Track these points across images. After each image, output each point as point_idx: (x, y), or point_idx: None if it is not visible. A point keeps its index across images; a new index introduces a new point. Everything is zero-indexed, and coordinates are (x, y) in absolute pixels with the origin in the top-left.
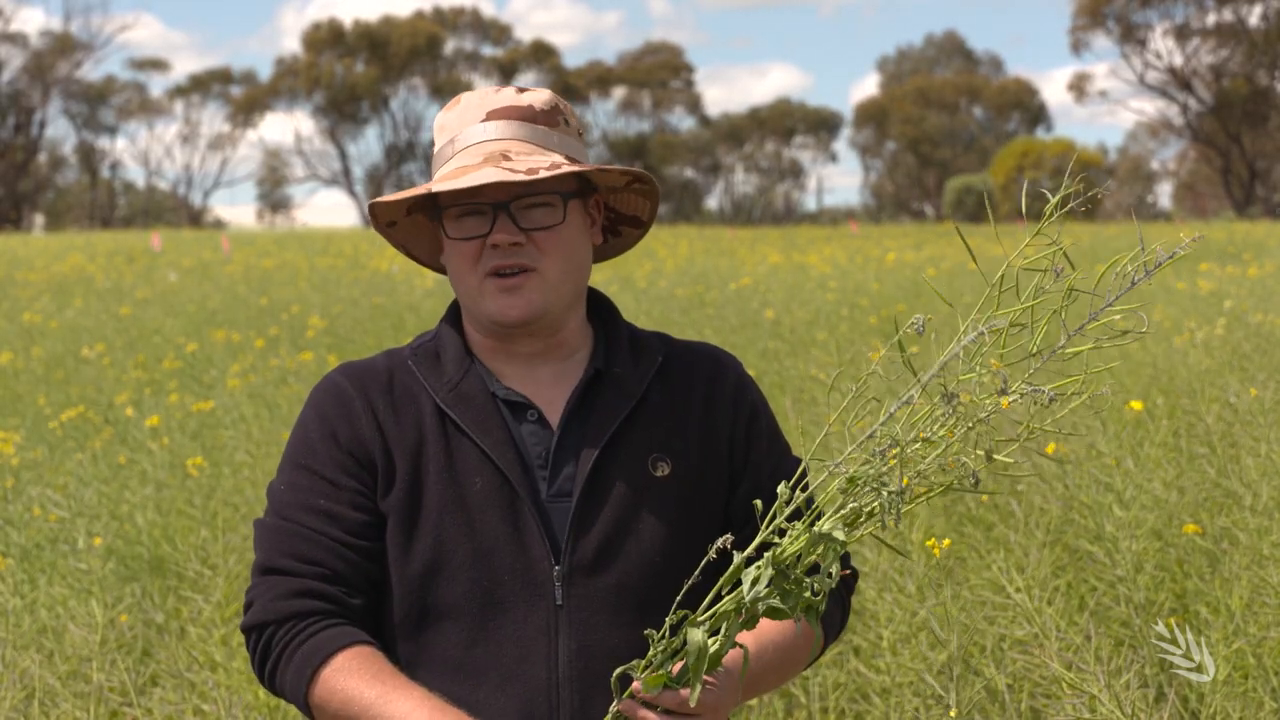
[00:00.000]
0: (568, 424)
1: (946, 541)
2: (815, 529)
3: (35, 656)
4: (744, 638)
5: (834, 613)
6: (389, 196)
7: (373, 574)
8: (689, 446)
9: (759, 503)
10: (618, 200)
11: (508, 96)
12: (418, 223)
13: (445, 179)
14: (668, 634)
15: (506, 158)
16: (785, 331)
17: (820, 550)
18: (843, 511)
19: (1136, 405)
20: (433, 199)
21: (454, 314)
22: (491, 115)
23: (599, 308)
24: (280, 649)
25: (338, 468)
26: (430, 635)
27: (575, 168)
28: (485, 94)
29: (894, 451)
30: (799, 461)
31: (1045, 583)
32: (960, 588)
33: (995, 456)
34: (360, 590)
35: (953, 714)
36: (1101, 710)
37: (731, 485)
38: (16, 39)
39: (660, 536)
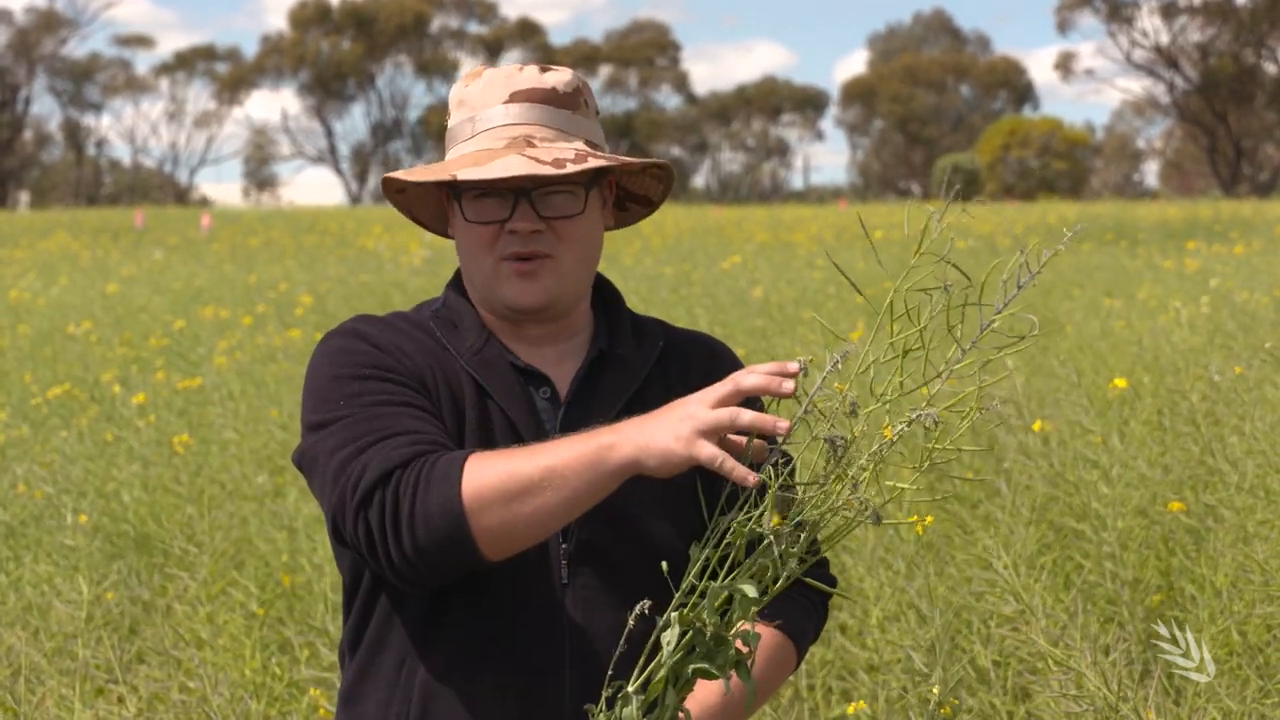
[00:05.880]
0: (574, 400)
1: (930, 519)
2: (725, 585)
3: (21, 634)
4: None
5: (805, 629)
6: (409, 175)
7: None
8: None
9: (665, 565)
10: (630, 180)
11: (531, 77)
12: (425, 189)
13: (468, 162)
14: (604, 709)
15: (531, 144)
16: (773, 310)
17: (739, 606)
18: (753, 566)
19: (1121, 383)
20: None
21: (460, 286)
22: (515, 97)
23: (601, 291)
24: (414, 479)
25: (398, 373)
26: (437, 607)
27: (600, 161)
28: (509, 73)
29: (770, 491)
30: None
31: (1031, 560)
32: (947, 565)
33: (893, 484)
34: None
35: (934, 689)
36: (1088, 687)
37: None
38: (1, 15)
39: (659, 518)
